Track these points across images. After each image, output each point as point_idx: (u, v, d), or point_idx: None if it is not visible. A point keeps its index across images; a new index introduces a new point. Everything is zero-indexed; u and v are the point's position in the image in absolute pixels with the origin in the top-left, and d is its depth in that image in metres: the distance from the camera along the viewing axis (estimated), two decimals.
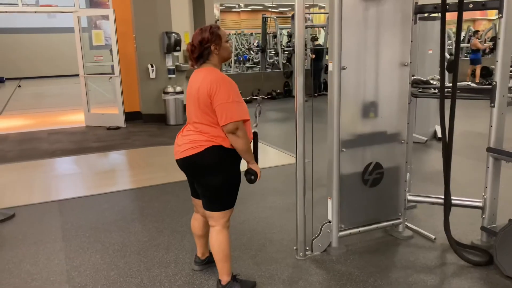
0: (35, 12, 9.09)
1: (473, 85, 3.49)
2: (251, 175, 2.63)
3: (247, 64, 16.92)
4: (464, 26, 21.63)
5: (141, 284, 2.94)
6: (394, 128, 3.30)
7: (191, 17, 9.47)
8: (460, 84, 3.28)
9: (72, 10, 8.36)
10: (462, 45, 15.73)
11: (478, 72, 13.51)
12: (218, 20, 14.34)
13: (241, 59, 17.51)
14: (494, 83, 3.05)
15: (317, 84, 11.85)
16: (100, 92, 12.95)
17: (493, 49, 15.40)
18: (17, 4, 8.05)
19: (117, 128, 8.38)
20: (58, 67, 21.73)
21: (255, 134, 2.76)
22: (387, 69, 3.21)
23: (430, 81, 3.51)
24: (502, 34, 2.98)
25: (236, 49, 16.81)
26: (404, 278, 2.92)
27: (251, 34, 20.50)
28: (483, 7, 3.04)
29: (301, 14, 2.90)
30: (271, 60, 14.69)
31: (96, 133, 8.06)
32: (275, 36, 14.51)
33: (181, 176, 2.81)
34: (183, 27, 9.02)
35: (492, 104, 3.08)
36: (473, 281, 2.86)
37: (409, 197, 3.51)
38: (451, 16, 3.21)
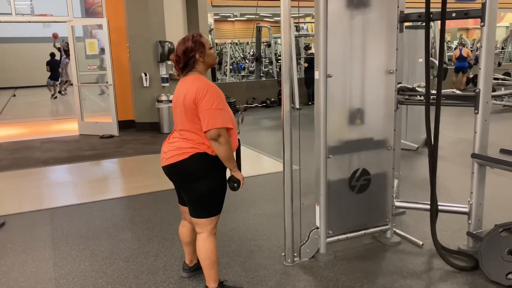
0: (29, 22, 9.13)
1: (458, 92, 3.54)
2: (234, 183, 2.65)
3: (243, 73, 16.99)
4: (457, 34, 21.89)
5: None
6: (381, 135, 3.34)
7: (185, 26, 9.53)
8: (445, 91, 3.33)
9: (66, 20, 8.41)
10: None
11: (464, 80, 13.78)
12: (212, 29, 14.42)
13: (237, 68, 17.60)
14: (478, 90, 3.10)
15: (311, 93, 11.84)
16: (95, 101, 12.97)
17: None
18: (11, 14, 8.09)
19: (111, 136, 8.40)
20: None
21: (237, 141, 2.78)
22: (373, 77, 3.25)
23: (417, 88, 3.56)
24: (485, 43, 3.03)
25: (231, 58, 16.89)
26: (391, 284, 2.94)
27: (247, 43, 20.61)
28: (466, 16, 3.09)
29: (286, 22, 2.94)
30: (266, 69, 14.78)
31: (90, 141, 8.06)
32: (269, 45, 14.62)
33: (173, 185, 2.82)
34: (177, 36, 8.97)
35: (476, 111, 3.12)
36: (458, 286, 2.88)
37: (397, 203, 3.54)
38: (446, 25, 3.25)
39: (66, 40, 14.62)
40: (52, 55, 16.11)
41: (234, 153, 2.68)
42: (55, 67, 16.09)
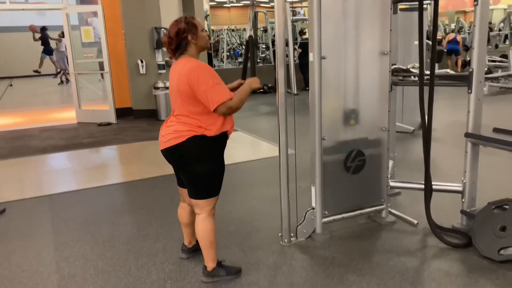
0: (23, 10, 9.07)
1: (452, 72, 3.56)
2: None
3: (240, 59, 16.94)
4: (455, 17, 21.79)
5: (129, 273, 3.00)
6: (375, 116, 3.37)
7: (181, 12, 9.47)
8: (438, 71, 3.35)
9: (60, 7, 8.36)
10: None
11: (459, 63, 13.88)
12: (207, 15, 14.33)
13: (233, 54, 17.54)
14: (471, 69, 3.12)
15: (307, 78, 11.79)
16: (92, 89, 12.96)
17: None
18: (5, 2, 8.04)
19: (108, 124, 8.41)
20: (50, 65, 21.60)
21: (250, 37, 2.79)
22: (367, 58, 3.27)
23: (411, 69, 3.58)
24: (478, 22, 3.05)
25: (228, 45, 16.83)
26: (386, 262, 3.00)
27: (244, 30, 20.50)
28: None
29: (280, 5, 2.95)
30: (263, 55, 14.74)
31: (88, 129, 8.09)
32: (265, 31, 14.56)
33: (171, 170, 2.86)
34: None
35: (470, 91, 3.15)
36: (452, 262, 2.95)
37: (392, 184, 3.59)
38: (443, 8, 3.27)
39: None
40: (44, 28, 16.14)
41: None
42: (46, 41, 16.11)
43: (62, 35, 15.26)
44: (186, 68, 2.54)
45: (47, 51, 16.38)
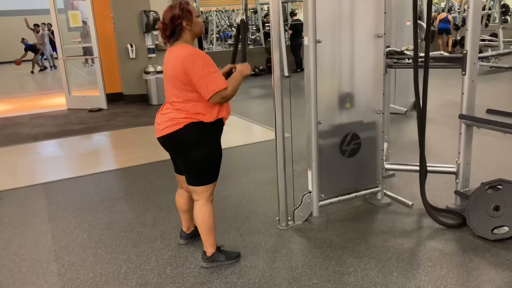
0: None
1: (446, 54, 3.57)
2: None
3: (229, 41, 16.77)
4: None
5: (129, 260, 3.02)
6: (370, 99, 3.38)
7: None
8: (433, 53, 3.35)
9: None
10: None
11: (450, 42, 13.93)
12: None
13: (223, 36, 17.35)
14: (465, 51, 3.13)
15: (298, 60, 11.72)
16: (81, 74, 12.79)
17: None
18: None
19: (99, 110, 8.34)
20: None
21: (242, 21, 2.79)
22: (362, 41, 3.26)
23: (405, 51, 3.58)
24: (472, 3, 3.04)
25: (217, 26, 16.63)
26: (382, 243, 3.05)
27: (233, 11, 20.25)
28: None
29: None
30: (253, 37, 14.61)
31: (78, 115, 8.01)
32: (256, 12, 14.40)
33: (166, 155, 2.86)
34: (162, 5, 8.79)
35: (464, 72, 3.17)
36: (446, 242, 3.00)
37: (387, 166, 3.63)
38: None
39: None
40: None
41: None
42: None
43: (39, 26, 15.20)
44: (181, 54, 2.52)
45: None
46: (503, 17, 12.75)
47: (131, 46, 8.38)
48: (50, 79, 14.60)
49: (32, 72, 16.29)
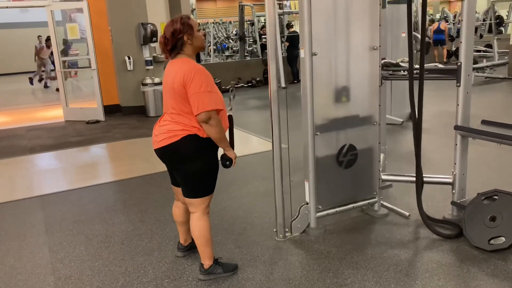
0: (7, 7, 8.91)
1: (440, 66, 3.61)
2: (226, 161, 2.71)
3: (227, 53, 16.88)
4: (440, 7, 21.95)
5: (126, 272, 3.00)
6: (366, 110, 3.41)
7: (167, 7, 9.40)
8: (427, 65, 3.39)
9: (44, 4, 8.23)
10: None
11: (445, 53, 14.08)
12: (194, 9, 14.24)
13: (220, 48, 17.46)
14: (459, 63, 3.17)
15: (295, 71, 11.75)
16: (79, 87, 12.81)
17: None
18: None
19: (97, 121, 8.35)
20: (23, 61, 21.08)
21: (230, 117, 2.82)
22: (358, 53, 3.29)
23: (400, 63, 3.62)
24: (465, 16, 3.09)
25: (214, 38, 16.74)
26: (380, 254, 3.05)
27: (230, 23, 20.40)
28: None
29: (271, 1, 2.95)
30: (250, 48, 14.70)
31: (76, 127, 8.01)
32: (253, 24, 14.51)
33: (163, 167, 2.86)
34: (159, 18, 8.96)
35: (458, 84, 3.20)
36: (443, 253, 3.01)
37: (383, 177, 3.64)
38: None
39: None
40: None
41: (227, 132, 2.72)
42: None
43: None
44: (183, 69, 2.54)
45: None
46: (497, 28, 12.88)
47: (129, 58, 8.42)
48: (50, 91, 14.61)
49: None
